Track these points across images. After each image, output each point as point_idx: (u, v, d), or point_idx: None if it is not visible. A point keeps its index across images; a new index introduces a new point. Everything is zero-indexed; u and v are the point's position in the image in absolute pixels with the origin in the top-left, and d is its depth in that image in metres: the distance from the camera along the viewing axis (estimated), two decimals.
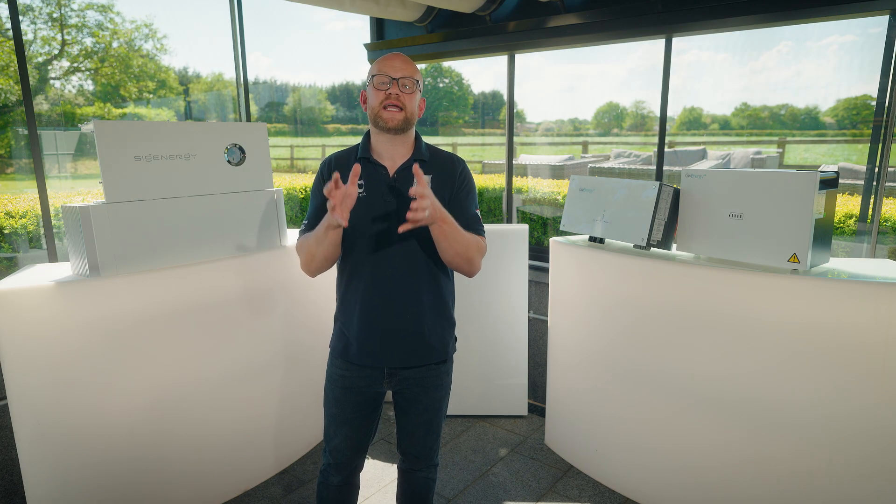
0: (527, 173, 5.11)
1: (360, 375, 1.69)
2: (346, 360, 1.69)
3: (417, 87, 1.59)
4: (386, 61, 1.57)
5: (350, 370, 1.69)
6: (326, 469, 1.79)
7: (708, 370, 2.17)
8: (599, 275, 2.49)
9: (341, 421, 1.73)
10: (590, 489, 2.60)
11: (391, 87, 1.55)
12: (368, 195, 1.60)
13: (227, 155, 2.36)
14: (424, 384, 1.72)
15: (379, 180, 1.61)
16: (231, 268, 2.37)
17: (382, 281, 1.61)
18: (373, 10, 3.16)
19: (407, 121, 1.58)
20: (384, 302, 1.62)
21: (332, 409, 1.74)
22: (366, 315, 1.63)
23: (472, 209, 1.68)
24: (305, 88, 8.24)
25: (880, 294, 1.79)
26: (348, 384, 1.70)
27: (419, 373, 1.70)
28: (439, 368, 1.74)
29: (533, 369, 3.38)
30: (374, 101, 1.57)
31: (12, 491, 2.40)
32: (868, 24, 2.53)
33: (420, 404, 1.75)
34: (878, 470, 1.87)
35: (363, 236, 1.60)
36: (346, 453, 1.75)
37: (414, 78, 1.58)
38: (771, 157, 5.48)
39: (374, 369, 1.68)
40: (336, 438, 1.74)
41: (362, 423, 1.74)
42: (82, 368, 2.01)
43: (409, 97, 1.57)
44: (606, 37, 2.86)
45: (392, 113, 1.56)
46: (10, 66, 3.66)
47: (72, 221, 2.04)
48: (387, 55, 1.60)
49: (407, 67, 1.57)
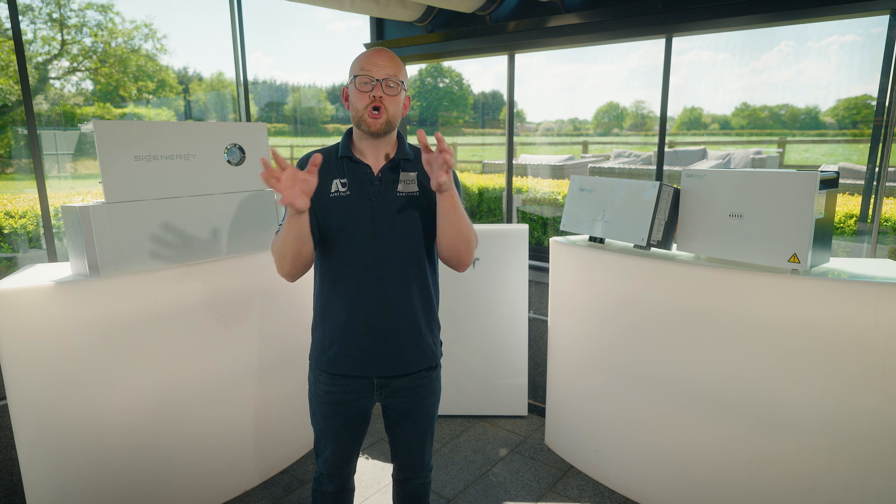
0: (527, 173, 5.12)
1: (347, 389, 1.60)
2: (331, 372, 1.60)
3: (402, 86, 1.51)
4: (369, 59, 1.48)
5: (336, 385, 1.60)
6: (320, 478, 1.75)
7: (708, 370, 2.17)
8: (599, 275, 2.49)
9: (330, 436, 1.67)
10: (590, 489, 2.60)
11: (374, 88, 1.47)
12: (353, 194, 1.53)
13: (227, 155, 2.36)
14: (418, 393, 1.65)
15: (363, 179, 1.54)
16: (231, 268, 2.37)
17: (370, 283, 1.53)
18: (373, 10, 3.16)
19: (389, 123, 1.51)
20: (374, 305, 1.54)
21: (320, 425, 1.67)
22: (353, 321, 1.55)
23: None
24: (305, 88, 8.24)
25: (880, 294, 1.79)
26: (335, 399, 1.62)
27: (411, 381, 1.63)
28: (430, 375, 1.67)
29: (533, 369, 3.38)
30: (358, 104, 1.49)
31: (12, 491, 2.40)
32: (869, 24, 2.53)
33: (414, 415, 1.68)
34: (878, 470, 1.87)
35: (349, 237, 1.52)
36: (338, 464, 1.71)
37: (398, 78, 1.49)
38: (771, 157, 5.48)
39: (363, 380, 1.60)
40: (326, 450, 1.70)
41: (352, 436, 1.68)
42: (82, 368, 2.01)
43: (392, 99, 1.49)
44: (606, 37, 2.86)
45: (375, 116, 1.48)
46: (10, 66, 3.66)
47: (72, 221, 2.04)
48: (370, 51, 1.51)
49: (391, 66, 1.49)
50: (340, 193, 1.54)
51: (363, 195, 1.54)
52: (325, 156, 1.58)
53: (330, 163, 1.57)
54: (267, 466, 2.67)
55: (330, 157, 1.58)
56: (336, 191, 1.54)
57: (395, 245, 1.54)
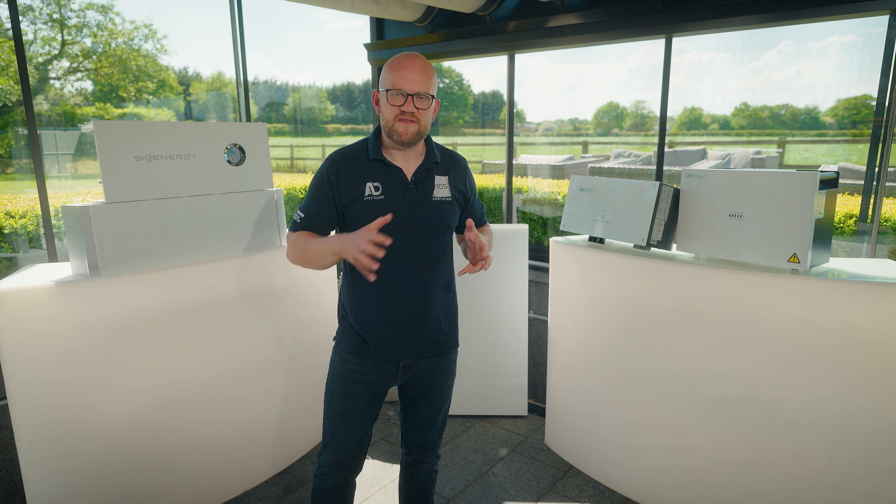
0: (527, 173, 5.11)
1: (374, 370, 1.69)
2: (360, 355, 1.68)
3: (433, 99, 1.57)
4: (402, 73, 1.51)
5: (365, 365, 1.68)
6: (323, 473, 1.76)
7: (708, 370, 2.17)
8: (599, 275, 2.49)
9: (347, 417, 1.71)
10: (590, 489, 2.60)
11: (406, 104, 1.51)
12: (387, 198, 1.58)
13: (227, 155, 2.36)
14: (436, 374, 1.76)
15: (397, 183, 1.60)
16: (231, 268, 2.37)
17: (401, 279, 1.62)
18: (373, 10, 3.16)
19: (420, 134, 1.57)
20: (403, 298, 1.63)
21: (339, 406, 1.71)
22: (384, 312, 1.64)
23: (479, 203, 1.88)
24: (305, 88, 8.24)
25: (880, 294, 1.79)
26: (361, 378, 1.69)
27: (433, 363, 1.73)
28: (450, 357, 1.78)
29: (533, 369, 3.38)
30: (388, 115, 1.54)
31: (12, 491, 2.40)
32: (870, 24, 2.53)
33: (431, 394, 1.78)
34: (878, 470, 1.87)
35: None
36: (350, 452, 1.74)
37: (430, 91, 1.54)
38: (771, 157, 5.48)
39: (389, 363, 1.69)
40: (340, 436, 1.72)
41: (368, 419, 1.74)
42: (82, 368, 2.01)
43: (424, 112, 1.55)
44: (606, 37, 2.86)
45: (406, 126, 1.53)
46: (10, 66, 3.66)
47: (72, 221, 2.04)
48: (403, 62, 1.52)
49: (423, 79, 1.52)
50: (374, 197, 1.58)
51: (397, 199, 1.59)
52: (356, 157, 1.63)
53: (361, 163, 1.61)
54: (267, 466, 2.67)
55: (360, 158, 1.62)
56: (370, 194, 1.58)
57: (426, 245, 1.64)
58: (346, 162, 1.61)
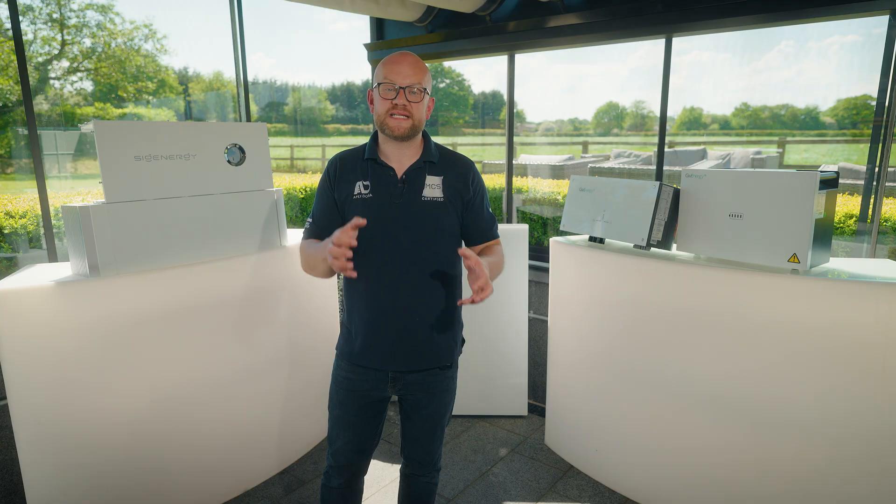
0: (527, 173, 5.12)
1: (364, 378, 1.66)
2: (351, 361, 1.67)
3: (425, 92, 1.55)
4: (393, 66, 1.51)
5: (354, 372, 1.66)
6: (329, 471, 1.77)
7: (708, 370, 2.17)
8: (599, 275, 2.49)
9: (344, 423, 1.71)
10: (590, 489, 2.60)
11: (398, 97, 1.51)
12: (375, 197, 1.57)
13: (227, 155, 2.36)
14: (430, 389, 1.70)
15: (387, 182, 1.58)
16: (231, 268, 2.37)
17: (389, 283, 1.58)
18: (373, 10, 3.16)
19: (414, 128, 1.55)
20: (391, 304, 1.59)
21: (336, 411, 1.72)
22: (371, 317, 1.61)
23: (488, 212, 1.72)
24: (305, 88, 8.24)
25: (880, 294, 1.79)
26: (352, 387, 1.68)
27: (424, 377, 1.67)
28: (444, 374, 1.71)
29: (533, 369, 3.38)
30: (381, 109, 1.54)
31: (12, 491, 2.40)
32: (871, 25, 2.53)
33: (425, 410, 1.72)
34: (878, 470, 1.87)
35: (370, 238, 1.55)
36: (348, 456, 1.74)
37: (422, 85, 1.53)
38: (771, 157, 5.48)
39: (378, 372, 1.65)
40: (339, 441, 1.73)
41: (365, 426, 1.72)
42: (82, 368, 2.01)
43: (416, 106, 1.53)
44: (606, 37, 2.86)
45: (398, 121, 1.52)
46: (10, 66, 3.66)
47: (72, 221, 2.04)
48: (394, 57, 1.53)
49: (415, 73, 1.52)
50: (363, 196, 1.58)
51: (385, 197, 1.57)
52: (352, 157, 1.65)
53: (355, 163, 1.61)
54: (267, 466, 2.67)
55: (356, 158, 1.63)
56: (359, 193, 1.58)
57: (416, 247, 1.58)
58: (342, 161, 1.64)
